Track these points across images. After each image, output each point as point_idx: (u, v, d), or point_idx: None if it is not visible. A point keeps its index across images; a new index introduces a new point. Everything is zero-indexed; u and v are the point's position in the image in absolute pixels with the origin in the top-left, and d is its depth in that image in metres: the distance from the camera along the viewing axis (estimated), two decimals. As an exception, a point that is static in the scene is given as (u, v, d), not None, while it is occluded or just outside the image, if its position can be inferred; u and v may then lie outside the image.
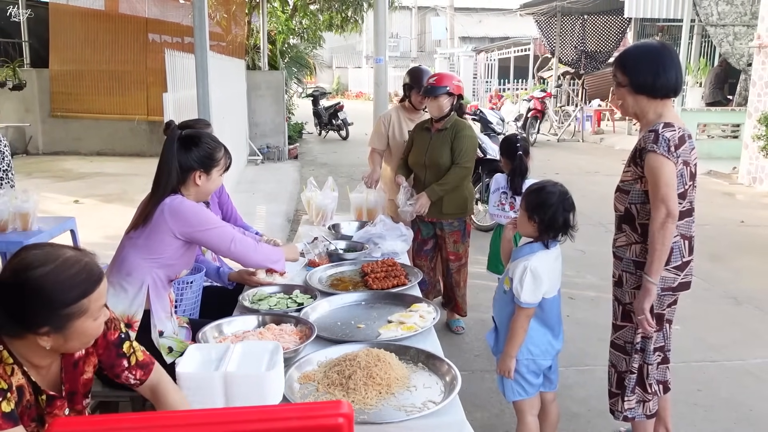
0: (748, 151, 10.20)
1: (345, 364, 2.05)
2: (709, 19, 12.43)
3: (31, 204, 3.91)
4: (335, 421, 1.10)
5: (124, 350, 1.83)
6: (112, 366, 1.82)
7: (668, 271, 2.58)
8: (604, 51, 18.72)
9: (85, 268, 1.57)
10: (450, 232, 4.22)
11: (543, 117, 15.76)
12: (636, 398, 2.72)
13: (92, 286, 1.57)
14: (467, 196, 4.20)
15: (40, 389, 1.62)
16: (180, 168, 2.52)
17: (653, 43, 2.68)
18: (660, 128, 2.46)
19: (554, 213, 2.52)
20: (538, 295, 2.51)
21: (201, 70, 5.47)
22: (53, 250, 1.57)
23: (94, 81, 11.92)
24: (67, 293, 1.52)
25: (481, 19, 36.49)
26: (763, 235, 7.24)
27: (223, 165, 2.65)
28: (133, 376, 1.84)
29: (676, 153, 2.45)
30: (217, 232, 2.54)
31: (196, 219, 2.48)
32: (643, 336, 2.65)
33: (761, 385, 3.76)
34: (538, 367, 2.65)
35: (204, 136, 2.60)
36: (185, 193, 2.56)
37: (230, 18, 11.41)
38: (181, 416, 1.18)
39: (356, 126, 16.79)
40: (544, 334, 2.63)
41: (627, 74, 2.53)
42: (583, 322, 4.62)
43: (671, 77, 2.50)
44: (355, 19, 16.26)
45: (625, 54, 2.60)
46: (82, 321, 1.55)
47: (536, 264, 2.50)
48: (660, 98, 2.52)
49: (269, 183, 9.82)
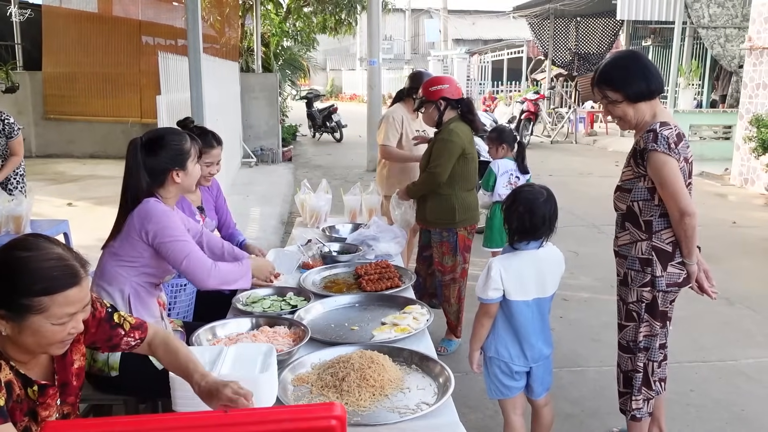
0: (739, 152, 10.26)
1: (339, 366, 2.06)
2: (700, 21, 12.49)
3: (24, 207, 3.90)
4: (328, 423, 1.11)
5: (115, 321, 1.86)
6: (110, 338, 1.85)
7: (673, 266, 2.61)
8: (596, 53, 18.79)
9: (63, 268, 1.54)
10: (438, 242, 3.98)
11: (536, 119, 15.79)
12: (643, 397, 2.74)
13: (60, 287, 1.52)
14: (455, 206, 3.90)
15: (31, 381, 1.62)
16: (153, 173, 2.48)
17: (625, 53, 2.77)
18: (657, 127, 2.50)
19: (513, 216, 2.53)
20: (488, 292, 2.49)
21: (194, 72, 5.47)
22: (45, 242, 1.57)
23: (87, 83, 11.89)
24: (32, 283, 1.50)
25: (474, 21, 36.56)
26: (755, 235, 7.28)
27: (195, 154, 2.60)
28: (133, 338, 1.89)
29: (677, 150, 2.50)
30: (175, 245, 2.40)
31: (159, 225, 2.40)
32: (646, 335, 2.66)
33: (754, 386, 3.78)
34: (510, 371, 2.62)
35: (167, 135, 2.56)
36: (165, 195, 2.53)
37: (224, 20, 11.40)
38: (176, 419, 1.18)
39: (350, 128, 16.79)
40: (513, 337, 2.59)
41: (619, 89, 2.55)
42: (576, 323, 4.64)
43: (657, 75, 2.57)
44: (349, 22, 16.29)
45: (606, 72, 2.60)
46: (39, 320, 1.51)
47: (496, 262, 2.52)
48: (655, 97, 2.58)
49: (263, 185, 9.81)
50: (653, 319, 2.67)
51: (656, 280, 2.61)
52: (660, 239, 2.61)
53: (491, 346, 2.62)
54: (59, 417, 1.69)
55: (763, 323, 4.77)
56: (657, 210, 2.60)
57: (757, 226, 7.76)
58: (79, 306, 1.58)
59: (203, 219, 3.31)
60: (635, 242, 2.65)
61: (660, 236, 2.61)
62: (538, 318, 2.60)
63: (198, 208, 3.32)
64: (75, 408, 1.78)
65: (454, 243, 3.96)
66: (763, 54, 9.90)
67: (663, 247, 2.61)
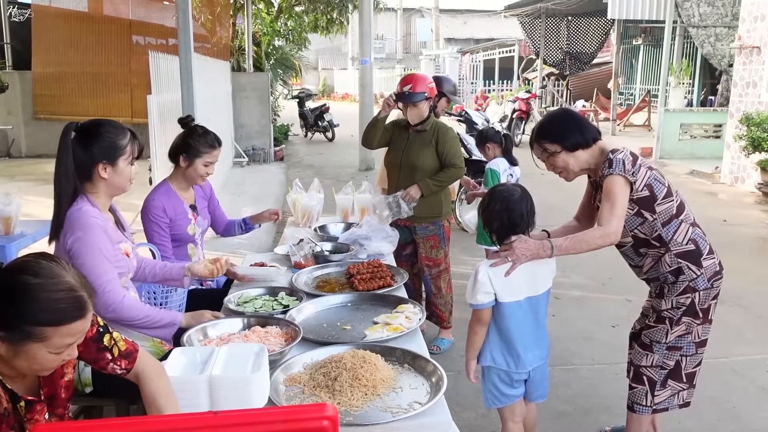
0: (730, 151, 10.31)
1: (331, 365, 2.05)
2: (690, 20, 12.55)
3: (13, 207, 3.87)
4: (320, 424, 1.10)
5: (105, 344, 1.79)
6: (95, 361, 1.80)
7: (707, 259, 2.63)
8: (588, 52, 18.89)
9: (72, 300, 1.51)
10: (425, 237, 4.06)
11: (528, 118, 15.82)
12: (669, 392, 2.75)
13: (66, 320, 1.49)
14: (442, 199, 4.08)
15: (18, 396, 1.59)
16: (80, 164, 2.33)
17: (558, 110, 2.96)
18: (610, 155, 2.58)
19: (492, 216, 2.53)
20: (478, 296, 2.46)
21: (185, 71, 5.45)
22: (56, 269, 1.53)
23: (77, 83, 11.81)
24: (38, 313, 1.47)
25: (466, 20, 36.63)
26: (745, 234, 7.33)
27: (130, 152, 2.42)
28: (119, 367, 1.82)
29: (633, 169, 2.55)
30: (89, 270, 2.25)
31: (80, 242, 2.27)
32: (680, 335, 2.65)
33: (744, 383, 3.80)
34: (510, 378, 2.58)
35: (104, 124, 2.40)
36: (92, 191, 2.40)
37: (215, 20, 11.36)
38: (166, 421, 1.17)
39: (342, 128, 16.77)
40: (507, 342, 2.55)
41: (557, 142, 2.65)
42: (568, 321, 4.65)
43: (590, 126, 2.70)
44: (341, 21, 16.27)
45: (542, 129, 2.72)
46: (38, 347, 1.48)
47: (483, 265, 2.50)
48: (592, 145, 2.67)
49: (255, 185, 9.78)
50: (692, 319, 2.64)
51: (696, 282, 2.59)
52: (678, 244, 2.61)
53: (487, 355, 2.57)
54: None
55: (753, 321, 4.80)
56: (657, 223, 2.60)
57: (748, 224, 7.81)
58: (80, 337, 1.57)
59: (195, 218, 3.30)
60: (658, 259, 2.65)
61: (676, 242, 2.61)
62: (532, 318, 2.56)
63: (191, 206, 3.31)
64: (64, 418, 1.76)
65: (441, 234, 4.09)
66: (753, 53, 9.96)
67: (686, 249, 2.61)
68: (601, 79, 20.00)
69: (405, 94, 3.93)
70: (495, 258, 2.51)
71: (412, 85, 3.92)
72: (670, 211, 2.61)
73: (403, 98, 3.94)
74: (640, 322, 2.87)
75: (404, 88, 3.94)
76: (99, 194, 2.43)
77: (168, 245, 3.15)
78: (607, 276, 5.54)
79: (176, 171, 3.28)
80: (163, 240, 3.13)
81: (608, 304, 5.06)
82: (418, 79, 3.97)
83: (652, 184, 2.59)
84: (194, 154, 3.18)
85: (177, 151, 3.23)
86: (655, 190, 2.59)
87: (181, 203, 3.24)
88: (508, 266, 2.48)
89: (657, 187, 2.59)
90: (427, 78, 4.06)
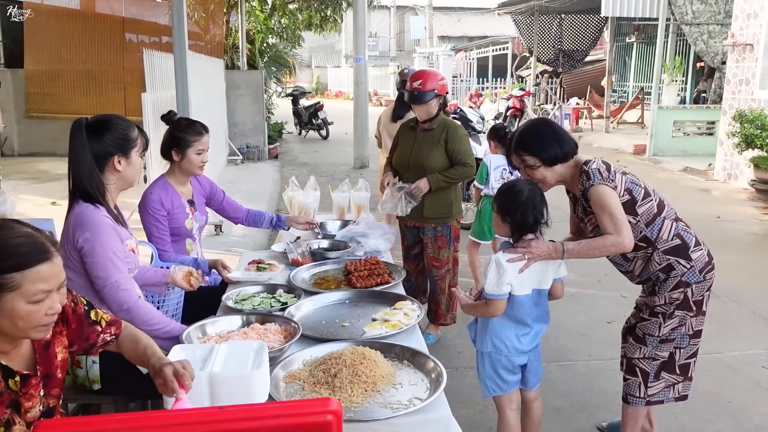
0: (723, 147, 10.37)
1: (330, 362, 2.06)
2: (684, 17, 12.59)
3: (8, 206, 3.86)
4: (324, 418, 1.11)
5: (92, 318, 1.88)
6: (87, 337, 1.86)
7: (695, 251, 2.65)
8: (581, 50, 18.93)
9: (32, 244, 1.53)
10: (433, 238, 4.03)
11: (522, 115, 15.86)
12: (663, 384, 2.77)
13: (30, 263, 1.50)
14: (452, 199, 4.00)
15: (12, 372, 1.59)
16: (95, 157, 2.37)
17: (538, 120, 2.93)
18: (584, 167, 2.62)
19: (524, 212, 2.54)
20: (502, 287, 2.50)
21: (180, 69, 5.44)
22: (11, 222, 1.59)
23: (70, 81, 11.75)
24: (1, 261, 1.48)
25: (459, 18, 36.59)
26: (739, 230, 7.37)
27: (141, 145, 2.50)
28: (108, 334, 1.92)
29: (611, 176, 2.60)
30: (104, 266, 2.30)
31: (93, 240, 2.28)
32: (673, 327, 2.67)
33: (739, 378, 3.83)
34: (511, 364, 2.65)
35: (114, 118, 2.46)
36: (105, 183, 2.44)
37: (209, 17, 11.33)
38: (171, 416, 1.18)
39: (336, 125, 16.76)
40: (513, 330, 2.61)
41: (535, 155, 2.66)
42: (563, 318, 4.67)
43: (569, 139, 2.71)
44: (335, 19, 16.24)
45: (521, 140, 2.72)
46: (13, 298, 1.49)
47: (503, 258, 2.53)
48: (569, 159, 2.68)
49: (249, 183, 9.76)
50: (686, 312, 2.66)
51: (687, 276, 2.62)
52: (664, 242, 2.63)
53: (488, 342, 2.62)
54: (43, 409, 1.67)
55: (747, 316, 4.83)
56: (641, 224, 2.63)
57: (741, 220, 7.85)
58: (54, 283, 1.56)
59: (193, 212, 3.29)
60: (648, 260, 2.68)
61: (662, 239, 2.63)
62: (537, 304, 2.65)
63: (188, 201, 3.30)
64: (60, 401, 1.77)
65: (449, 235, 4.05)
66: (746, 50, 10.00)
67: (672, 244, 2.63)
68: (594, 76, 20.05)
69: (415, 95, 3.86)
70: (512, 253, 2.54)
71: (422, 82, 3.85)
72: (651, 210, 2.64)
73: (413, 100, 3.88)
74: (635, 317, 2.89)
75: (414, 83, 3.88)
76: (109, 188, 2.47)
77: (167, 239, 3.15)
78: (602, 272, 5.55)
79: (172, 166, 3.28)
80: (161, 233, 3.13)
81: (604, 300, 5.08)
82: (428, 76, 3.90)
83: (631, 187, 2.64)
84: (185, 145, 3.19)
85: (167, 146, 3.24)
86: (634, 192, 2.63)
87: (179, 197, 3.23)
88: (522, 263, 2.53)
89: (635, 190, 2.64)
90: (437, 74, 3.99)
